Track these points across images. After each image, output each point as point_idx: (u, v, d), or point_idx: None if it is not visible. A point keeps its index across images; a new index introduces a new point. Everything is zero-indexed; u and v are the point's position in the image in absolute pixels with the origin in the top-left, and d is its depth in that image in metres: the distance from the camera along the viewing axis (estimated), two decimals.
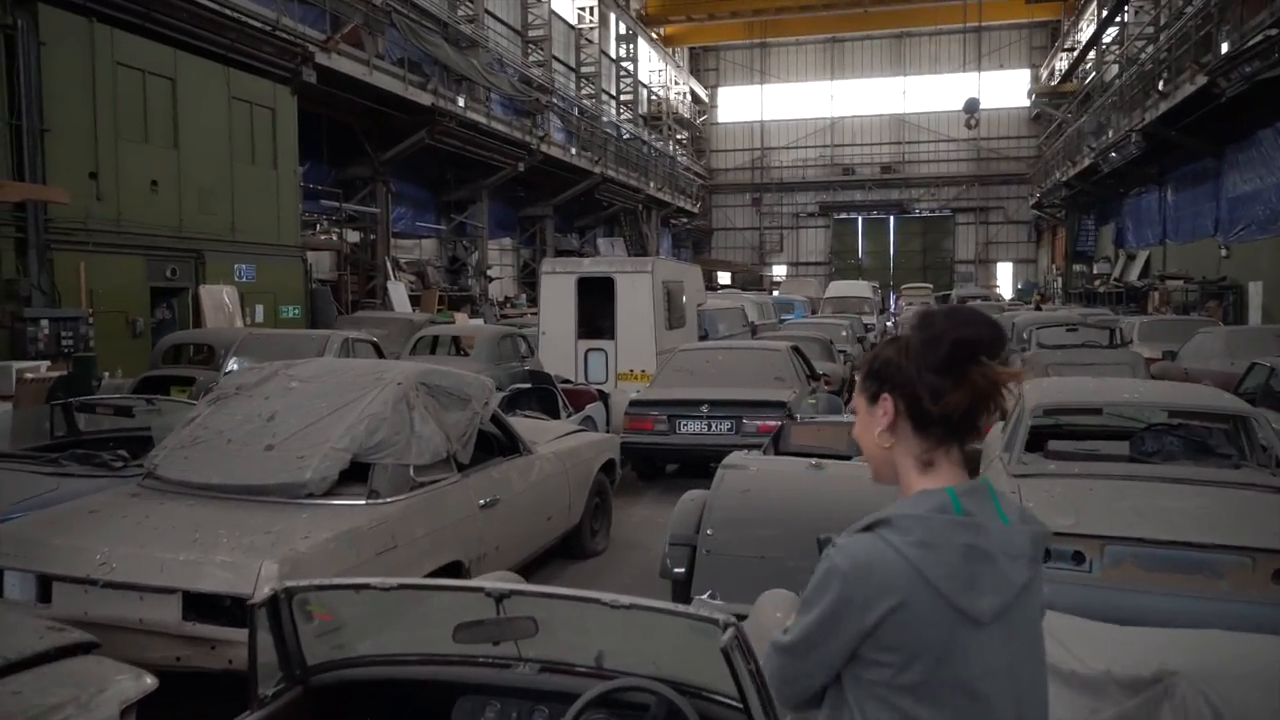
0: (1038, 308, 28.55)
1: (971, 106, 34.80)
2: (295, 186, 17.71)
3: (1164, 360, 12.42)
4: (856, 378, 1.84)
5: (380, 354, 9.64)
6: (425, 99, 21.56)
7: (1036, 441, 5.52)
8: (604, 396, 9.86)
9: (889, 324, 30.07)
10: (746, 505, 4.97)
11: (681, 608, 2.28)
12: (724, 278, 49.05)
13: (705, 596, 4.67)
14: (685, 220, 50.88)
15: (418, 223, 27.59)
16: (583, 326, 12.58)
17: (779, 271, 53.87)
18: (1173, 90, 20.71)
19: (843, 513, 4.61)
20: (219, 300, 15.36)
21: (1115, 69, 32.76)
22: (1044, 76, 47.09)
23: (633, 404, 9.06)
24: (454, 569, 4.75)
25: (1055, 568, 4.27)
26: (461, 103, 23.83)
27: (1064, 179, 34.24)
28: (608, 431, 9.52)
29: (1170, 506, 4.53)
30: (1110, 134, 26.93)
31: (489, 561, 5.06)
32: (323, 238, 19.05)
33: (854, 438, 1.79)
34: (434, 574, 4.53)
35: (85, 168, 12.90)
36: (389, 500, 4.46)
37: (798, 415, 7.76)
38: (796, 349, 10.80)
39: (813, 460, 5.36)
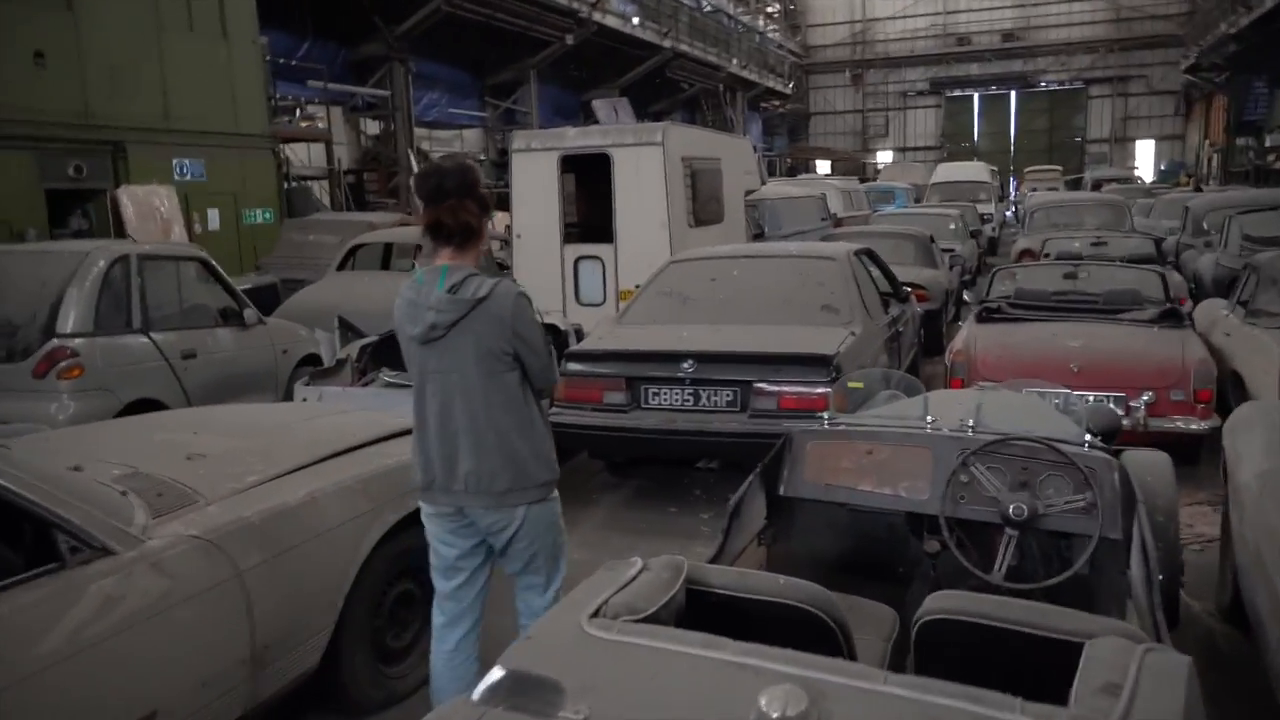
0: (1197, 189, 23.43)
1: None
2: (258, 62, 14.38)
3: None
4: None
5: (215, 275, 6.29)
6: None
7: None
8: (556, 334, 6.21)
9: (1008, 213, 25.33)
10: None
11: None
12: (823, 166, 44.26)
13: None
14: (778, 104, 45.89)
15: (454, 110, 24.06)
16: (571, 225, 9.01)
17: (884, 158, 48.55)
18: None
19: None
20: (148, 205, 12.29)
21: None
22: None
23: (570, 358, 5.36)
24: None
25: None
26: None
27: (1232, 30, 28.27)
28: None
29: None
30: None
31: None
32: (304, 125, 15.78)
33: None
34: None
35: None
36: None
37: (829, 409, 3.95)
38: (869, 253, 7.01)
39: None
